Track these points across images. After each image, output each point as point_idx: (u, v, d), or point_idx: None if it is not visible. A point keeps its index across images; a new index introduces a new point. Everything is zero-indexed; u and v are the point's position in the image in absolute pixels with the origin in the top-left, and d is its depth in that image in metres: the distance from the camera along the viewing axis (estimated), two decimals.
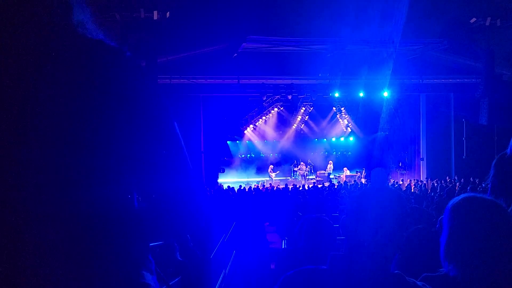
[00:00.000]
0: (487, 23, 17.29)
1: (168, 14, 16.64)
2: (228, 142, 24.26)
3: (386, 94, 20.29)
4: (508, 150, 2.59)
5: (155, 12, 16.09)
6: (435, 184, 18.09)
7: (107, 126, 1.06)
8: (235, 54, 19.25)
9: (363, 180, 21.64)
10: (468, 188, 10.76)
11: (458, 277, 1.58)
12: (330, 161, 24.37)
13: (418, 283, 1.50)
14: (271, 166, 23.70)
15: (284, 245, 6.05)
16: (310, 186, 18.38)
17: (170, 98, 18.68)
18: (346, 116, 23.97)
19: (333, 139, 26.35)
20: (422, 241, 2.31)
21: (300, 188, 17.49)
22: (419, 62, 20.13)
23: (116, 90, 1.07)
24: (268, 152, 26.00)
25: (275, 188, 18.78)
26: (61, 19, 1.08)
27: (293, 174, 24.49)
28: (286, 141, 26.02)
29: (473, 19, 17.47)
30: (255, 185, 19.27)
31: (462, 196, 1.71)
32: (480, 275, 1.56)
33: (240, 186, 17.33)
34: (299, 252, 4.68)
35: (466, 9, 18.02)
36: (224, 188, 17.95)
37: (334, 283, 1.48)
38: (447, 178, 20.09)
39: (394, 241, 1.49)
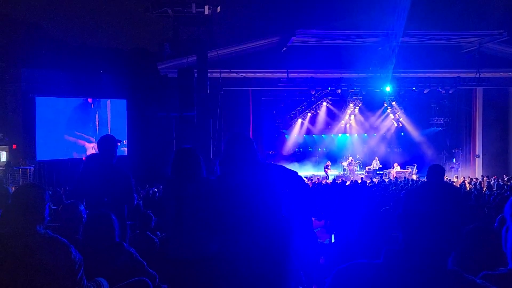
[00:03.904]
0: None
1: (218, 9, 16.84)
2: (276, 136, 24.31)
3: (440, 88, 19.64)
4: None
5: (206, 7, 16.31)
6: (492, 182, 17.37)
7: None
8: (285, 48, 19.20)
9: (414, 177, 21.08)
10: None
11: None
12: (376, 157, 23.89)
13: (478, 280, 1.46)
14: (329, 163, 23.43)
15: (333, 240, 6.03)
16: (359, 181, 18.11)
17: (220, 91, 18.94)
18: (397, 111, 23.43)
19: (383, 134, 25.81)
20: (479, 239, 2.24)
21: (348, 184, 17.29)
22: (476, 54, 19.32)
23: None
24: (316, 146, 25.87)
25: (323, 182, 18.66)
26: None
27: (342, 169, 24.23)
28: (334, 135, 25.80)
29: None
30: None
31: None
32: None
33: None
34: (348, 247, 4.65)
35: None
36: None
37: (388, 278, 1.47)
38: (504, 176, 19.24)
39: (452, 238, 1.46)
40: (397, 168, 22.63)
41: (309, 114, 24.21)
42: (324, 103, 23.23)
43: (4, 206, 4.78)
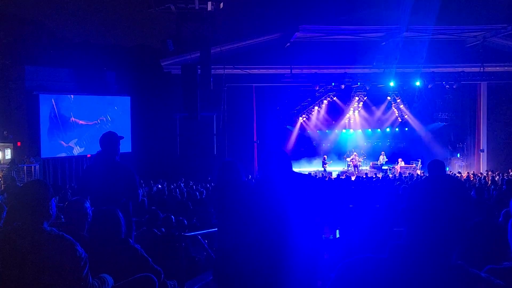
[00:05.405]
0: None
1: (221, 5, 16.78)
2: (280, 131, 24.33)
3: (444, 83, 19.56)
4: None
5: (209, 3, 16.24)
6: (496, 177, 17.31)
7: None
8: (288, 44, 19.16)
9: (418, 172, 21.04)
10: None
11: None
12: (383, 152, 23.86)
13: (482, 274, 1.45)
14: (325, 157, 23.46)
15: (337, 235, 6.04)
16: (363, 177, 18.10)
17: (224, 88, 18.94)
18: (401, 106, 23.37)
19: (387, 129, 25.78)
20: (484, 233, 2.24)
21: (353, 179, 17.28)
22: (480, 49, 19.21)
23: None
24: (320, 142, 25.86)
25: (327, 178, 18.65)
26: None
27: (346, 164, 24.20)
28: (338, 130, 25.79)
29: None
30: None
31: None
32: None
33: None
34: (352, 243, 4.66)
35: None
36: None
37: (393, 273, 1.47)
38: (510, 170, 19.16)
39: (457, 232, 1.46)
40: (401, 163, 22.60)
41: (313, 110, 24.19)
42: (328, 99, 23.20)
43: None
